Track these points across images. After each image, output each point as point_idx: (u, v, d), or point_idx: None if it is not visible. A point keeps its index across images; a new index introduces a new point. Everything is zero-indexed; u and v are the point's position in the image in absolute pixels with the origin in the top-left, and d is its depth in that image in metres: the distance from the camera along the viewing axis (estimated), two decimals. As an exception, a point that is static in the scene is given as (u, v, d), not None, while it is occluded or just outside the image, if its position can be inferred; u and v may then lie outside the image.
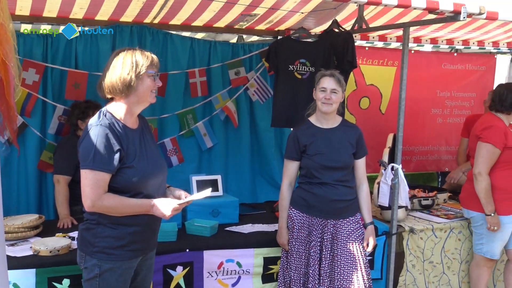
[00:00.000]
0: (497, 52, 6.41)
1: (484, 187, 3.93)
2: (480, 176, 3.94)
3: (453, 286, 4.32)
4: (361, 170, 3.54)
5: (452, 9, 3.21)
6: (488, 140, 3.94)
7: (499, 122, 4.02)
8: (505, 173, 3.95)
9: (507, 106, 4.04)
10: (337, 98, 3.39)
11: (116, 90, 2.52)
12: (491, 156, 3.93)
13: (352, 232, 3.43)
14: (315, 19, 4.56)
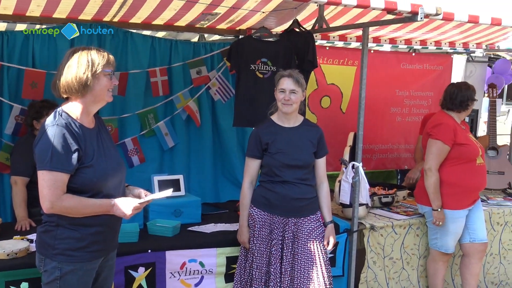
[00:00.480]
0: (454, 52, 6.56)
1: (432, 183, 4.04)
2: (430, 171, 4.05)
3: (412, 281, 4.40)
4: (321, 169, 3.58)
5: (409, 10, 3.27)
6: (437, 137, 4.05)
7: (449, 120, 4.13)
8: (455, 168, 4.07)
9: (457, 104, 4.17)
10: (296, 98, 3.42)
11: (72, 89, 2.48)
12: (440, 153, 4.05)
13: (313, 230, 3.46)
14: (276, 18, 4.58)
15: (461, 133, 4.10)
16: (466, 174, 4.06)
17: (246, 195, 3.53)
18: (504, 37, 5.98)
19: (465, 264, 4.31)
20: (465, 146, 4.06)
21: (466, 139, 4.10)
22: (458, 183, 4.07)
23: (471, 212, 4.17)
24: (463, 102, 4.16)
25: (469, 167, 4.08)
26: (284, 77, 3.43)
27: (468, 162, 4.08)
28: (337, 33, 5.35)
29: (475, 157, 4.10)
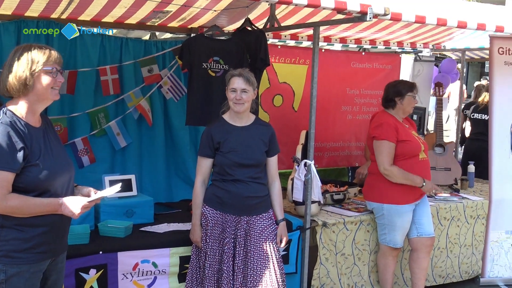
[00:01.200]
0: (402, 51, 6.72)
1: (397, 175, 4.12)
2: (387, 171, 4.13)
3: (363, 276, 4.48)
4: (273, 167, 3.61)
5: (359, 10, 3.33)
6: (382, 137, 4.14)
7: (389, 119, 4.24)
8: (399, 164, 4.16)
9: (384, 102, 4.28)
10: (247, 97, 3.42)
11: (14, 89, 2.44)
12: (389, 151, 4.14)
13: (265, 228, 3.48)
14: (228, 17, 4.58)
15: (402, 130, 4.20)
16: (409, 169, 4.16)
17: (199, 194, 3.52)
18: (449, 37, 6.17)
19: (413, 258, 4.42)
20: (407, 143, 4.16)
21: (408, 135, 4.21)
22: (405, 179, 4.18)
23: (417, 207, 4.28)
24: (387, 99, 4.28)
25: (412, 162, 4.18)
26: (235, 77, 3.43)
27: (411, 158, 4.18)
28: (288, 32, 5.40)
29: (417, 153, 4.21)
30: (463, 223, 4.94)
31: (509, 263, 5.17)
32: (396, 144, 4.14)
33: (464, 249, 4.99)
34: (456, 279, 5.01)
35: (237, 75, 3.43)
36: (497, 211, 5.10)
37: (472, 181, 5.66)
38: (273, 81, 5.41)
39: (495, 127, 5.13)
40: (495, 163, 5.14)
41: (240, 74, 3.43)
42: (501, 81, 5.11)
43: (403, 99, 4.25)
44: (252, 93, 3.45)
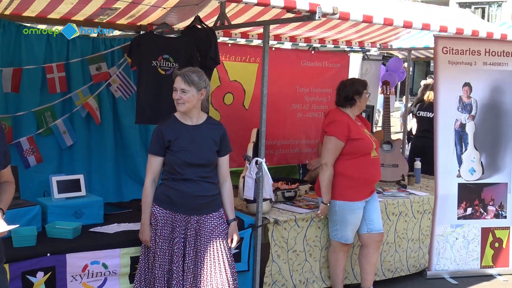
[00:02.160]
0: (350, 50, 6.83)
1: (326, 177, 4.22)
2: (326, 166, 4.21)
3: (315, 272, 4.54)
4: (224, 167, 3.60)
5: (308, 9, 3.36)
6: (332, 133, 4.22)
7: (342, 117, 4.31)
8: (351, 162, 4.25)
9: (342, 100, 4.36)
10: (188, 97, 3.38)
11: None
12: (335, 149, 4.22)
13: (216, 227, 3.48)
14: (177, 14, 4.54)
15: (355, 128, 4.28)
16: (361, 167, 4.25)
17: (148, 194, 3.48)
18: (396, 36, 6.31)
19: (363, 254, 4.50)
20: (359, 141, 4.24)
21: (360, 134, 4.29)
22: (355, 176, 4.25)
23: (368, 203, 4.37)
24: (347, 97, 4.34)
25: (364, 160, 4.27)
26: (177, 76, 3.42)
27: (363, 156, 4.27)
28: (239, 30, 5.40)
29: (369, 151, 4.30)
30: (410, 218, 5.07)
31: (454, 256, 5.34)
32: (346, 142, 4.22)
33: (411, 244, 5.12)
34: (404, 273, 5.14)
35: (179, 75, 3.41)
36: (442, 206, 5.26)
37: (419, 177, 5.81)
38: (223, 79, 5.41)
39: (440, 124, 5.28)
40: (440, 160, 5.29)
41: (181, 73, 3.40)
42: (445, 80, 5.26)
43: (361, 97, 4.33)
44: (194, 93, 3.39)
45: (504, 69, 5.37)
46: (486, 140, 5.38)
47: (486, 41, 5.16)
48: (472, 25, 4.79)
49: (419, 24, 4.18)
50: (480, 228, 5.39)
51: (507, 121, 5.42)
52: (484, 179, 5.38)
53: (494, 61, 5.34)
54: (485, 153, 5.37)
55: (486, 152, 5.37)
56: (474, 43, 5.23)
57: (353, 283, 4.75)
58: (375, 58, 7.21)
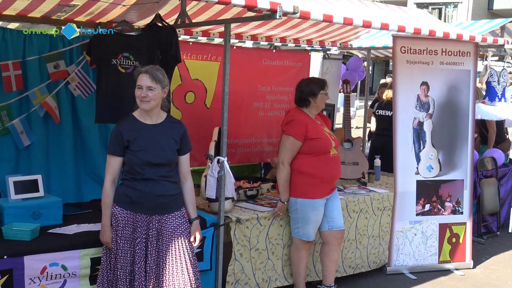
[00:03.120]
0: (311, 49, 6.88)
1: (283, 176, 4.26)
2: (282, 165, 4.25)
3: (277, 270, 4.56)
4: (185, 166, 3.58)
5: (269, 8, 3.37)
6: (289, 133, 4.26)
7: (301, 116, 4.34)
8: (311, 160, 4.29)
9: (297, 101, 4.39)
10: (154, 95, 3.36)
11: None
12: (292, 148, 4.26)
13: (177, 227, 3.46)
14: (137, 12, 4.50)
15: (313, 128, 4.32)
16: (321, 165, 4.30)
17: (108, 194, 3.44)
18: (356, 36, 6.40)
19: (324, 251, 4.54)
20: (317, 140, 4.29)
21: (318, 133, 4.33)
22: (315, 174, 4.29)
23: (329, 201, 4.41)
24: (301, 98, 4.38)
25: (324, 158, 4.32)
26: (142, 74, 3.38)
27: (322, 154, 4.31)
28: (200, 28, 5.38)
29: (328, 150, 4.34)
30: (370, 215, 5.15)
31: (413, 252, 5.45)
32: (304, 142, 4.25)
33: (372, 240, 5.20)
34: (365, 269, 5.22)
35: (144, 72, 3.37)
36: (401, 202, 5.36)
37: (378, 175, 5.90)
38: (185, 78, 5.37)
39: (398, 123, 5.37)
40: (399, 157, 5.39)
41: (146, 71, 3.37)
42: (403, 79, 5.36)
43: (316, 97, 4.36)
44: (159, 91, 3.38)
45: (460, 69, 5.50)
46: (443, 138, 5.50)
47: (442, 41, 5.28)
48: (429, 25, 4.90)
49: (378, 24, 4.24)
50: (438, 224, 5.51)
51: (463, 120, 5.56)
52: (441, 176, 5.50)
53: (450, 61, 5.46)
54: (442, 150, 5.49)
55: (443, 149, 5.50)
56: (431, 43, 5.34)
57: (315, 280, 4.80)
58: (335, 57, 7.29)
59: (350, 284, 5.01)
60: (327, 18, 3.84)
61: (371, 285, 5.10)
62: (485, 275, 5.49)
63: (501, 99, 6.80)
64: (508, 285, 5.24)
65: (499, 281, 5.32)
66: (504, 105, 6.80)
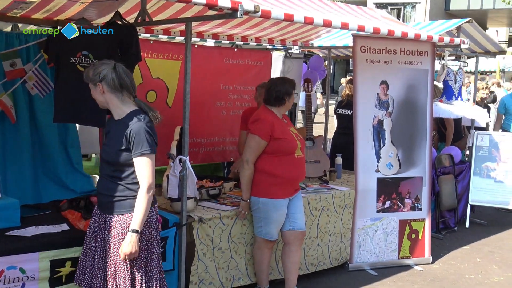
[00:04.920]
0: (273, 48, 6.91)
1: (247, 175, 4.27)
2: (247, 164, 4.26)
3: (241, 269, 4.56)
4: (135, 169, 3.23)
5: (230, 6, 3.36)
6: (255, 132, 4.27)
7: (268, 115, 4.35)
8: (276, 160, 4.30)
9: (272, 100, 4.40)
10: (93, 93, 3.28)
11: None
12: (258, 147, 4.27)
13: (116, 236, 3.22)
14: (96, 10, 4.42)
15: (280, 128, 4.33)
16: (285, 166, 4.32)
17: None
18: (317, 35, 6.45)
19: (286, 252, 4.56)
20: (282, 140, 4.30)
21: (284, 133, 4.34)
22: (279, 174, 4.30)
23: (291, 201, 4.43)
24: (278, 97, 4.38)
25: (289, 159, 4.33)
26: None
27: (287, 155, 4.33)
28: (160, 27, 5.33)
29: (293, 151, 4.36)
30: (332, 212, 5.20)
31: (374, 248, 5.53)
32: (269, 141, 4.26)
33: (333, 237, 5.25)
34: (327, 266, 5.27)
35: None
36: (362, 200, 5.43)
37: (340, 173, 5.97)
38: (146, 77, 5.32)
39: (359, 121, 5.44)
40: (360, 155, 5.46)
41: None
42: (363, 78, 5.43)
43: (290, 97, 4.39)
44: (93, 89, 3.25)
45: (418, 68, 5.61)
46: (402, 136, 5.60)
47: (401, 40, 5.37)
48: (389, 25, 4.98)
49: (338, 23, 4.29)
50: (397, 221, 5.61)
51: (422, 118, 5.67)
52: (401, 174, 5.60)
53: (408, 60, 5.57)
54: (401, 148, 5.59)
55: (402, 147, 5.59)
56: (391, 43, 5.43)
57: (277, 278, 4.81)
58: (297, 56, 7.33)
59: (312, 282, 5.06)
60: (288, 17, 3.86)
61: (333, 282, 5.15)
62: (443, 269, 5.61)
63: (458, 97, 6.95)
64: (465, 279, 5.38)
65: (457, 276, 5.45)
66: (461, 104, 6.96)
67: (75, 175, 4.85)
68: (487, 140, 7.25)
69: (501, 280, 5.39)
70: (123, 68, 3.29)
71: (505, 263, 5.85)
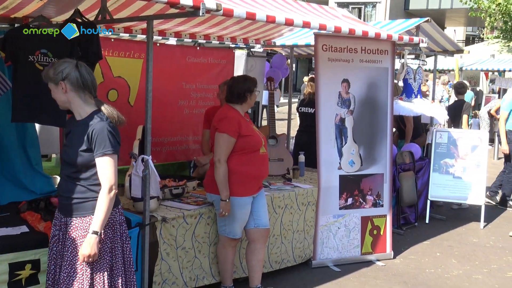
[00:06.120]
0: (235, 47, 6.91)
1: (221, 174, 4.25)
2: (219, 163, 4.24)
3: (205, 269, 4.55)
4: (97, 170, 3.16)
5: (192, 4, 3.35)
6: (223, 130, 4.26)
7: (233, 113, 4.36)
8: (240, 158, 4.31)
9: (235, 97, 4.41)
10: (53, 94, 3.19)
11: None
12: (227, 145, 4.26)
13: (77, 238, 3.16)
14: (55, 7, 4.35)
15: (245, 125, 4.34)
16: (250, 163, 4.32)
17: None
18: (279, 34, 6.48)
19: (251, 250, 4.57)
20: (249, 137, 4.32)
21: (250, 130, 4.36)
22: (244, 172, 4.31)
23: (255, 199, 4.44)
24: (240, 95, 4.39)
25: (253, 156, 4.34)
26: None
27: (252, 152, 4.34)
28: (121, 25, 5.27)
29: (258, 148, 4.38)
30: (295, 210, 5.24)
31: (336, 245, 5.59)
32: (237, 139, 4.26)
33: (297, 235, 5.29)
34: (291, 263, 5.30)
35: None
36: (325, 197, 5.48)
37: (303, 171, 6.01)
38: (107, 75, 5.25)
39: (321, 119, 5.48)
40: (322, 153, 5.50)
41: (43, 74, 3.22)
42: (325, 76, 5.48)
43: (252, 95, 4.39)
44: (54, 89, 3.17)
45: (378, 66, 5.69)
46: (364, 133, 5.67)
47: (362, 39, 5.44)
48: (349, 24, 5.04)
49: (300, 22, 4.31)
50: (360, 217, 5.68)
51: (382, 116, 5.76)
52: (362, 171, 5.67)
53: (369, 59, 5.64)
54: (363, 145, 5.66)
55: (364, 145, 5.67)
56: (352, 41, 5.49)
57: (241, 276, 4.82)
58: (259, 55, 7.35)
59: (276, 279, 5.08)
60: (250, 16, 3.86)
61: (296, 279, 5.19)
62: (405, 264, 5.72)
63: (417, 95, 7.09)
64: (425, 273, 5.49)
65: (417, 270, 5.56)
66: (420, 101, 7.10)
67: (34, 176, 4.76)
68: (446, 137, 7.42)
69: (460, 273, 5.53)
70: (85, 66, 3.22)
71: (463, 257, 6.00)
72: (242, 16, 3.81)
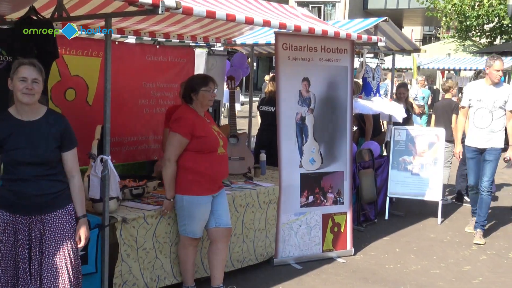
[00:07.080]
0: (196, 45, 6.87)
1: (169, 173, 4.26)
2: (169, 162, 4.24)
3: (166, 269, 4.52)
4: (69, 163, 3.41)
5: (151, 2, 3.32)
6: (176, 130, 4.25)
7: (189, 114, 4.34)
8: (198, 157, 4.29)
9: (184, 97, 4.41)
10: (39, 88, 3.23)
11: None
12: (179, 145, 4.26)
13: (61, 226, 3.33)
14: (10, 4, 4.24)
15: (201, 126, 4.32)
16: (208, 163, 4.31)
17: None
18: (240, 32, 6.48)
19: (212, 250, 4.54)
20: (204, 138, 4.30)
21: (206, 131, 4.33)
22: (201, 171, 4.29)
23: (216, 199, 4.43)
24: (185, 94, 4.40)
25: (210, 157, 4.33)
26: (25, 65, 3.20)
27: (209, 153, 4.33)
28: (79, 22, 5.17)
29: (215, 148, 4.36)
30: (257, 208, 5.24)
31: (298, 243, 5.62)
32: (191, 139, 4.24)
33: (258, 233, 5.30)
34: (253, 262, 5.31)
35: (28, 64, 3.21)
36: (286, 195, 5.51)
37: (264, 169, 6.02)
38: (64, 74, 5.15)
39: (282, 118, 5.50)
40: (283, 151, 5.53)
41: (31, 63, 3.22)
42: (285, 75, 5.50)
43: (197, 94, 4.35)
44: (42, 84, 3.26)
45: (338, 65, 5.75)
46: (324, 131, 5.72)
47: (322, 38, 5.48)
48: (309, 23, 5.07)
49: (260, 21, 4.32)
50: (321, 215, 5.73)
51: (342, 114, 5.82)
52: (323, 169, 5.72)
53: (329, 57, 5.69)
54: (323, 144, 5.71)
55: (324, 143, 5.72)
56: (312, 40, 5.53)
57: (203, 276, 4.80)
58: (220, 54, 7.33)
59: (238, 278, 5.08)
60: (210, 14, 3.85)
61: (258, 277, 5.20)
62: (365, 260, 5.80)
63: (376, 94, 7.20)
64: (385, 268, 5.58)
65: (377, 266, 5.65)
66: (379, 100, 7.20)
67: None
68: (404, 135, 7.55)
69: (418, 268, 5.64)
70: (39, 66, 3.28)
71: (421, 252, 6.13)
72: (202, 15, 3.79)
